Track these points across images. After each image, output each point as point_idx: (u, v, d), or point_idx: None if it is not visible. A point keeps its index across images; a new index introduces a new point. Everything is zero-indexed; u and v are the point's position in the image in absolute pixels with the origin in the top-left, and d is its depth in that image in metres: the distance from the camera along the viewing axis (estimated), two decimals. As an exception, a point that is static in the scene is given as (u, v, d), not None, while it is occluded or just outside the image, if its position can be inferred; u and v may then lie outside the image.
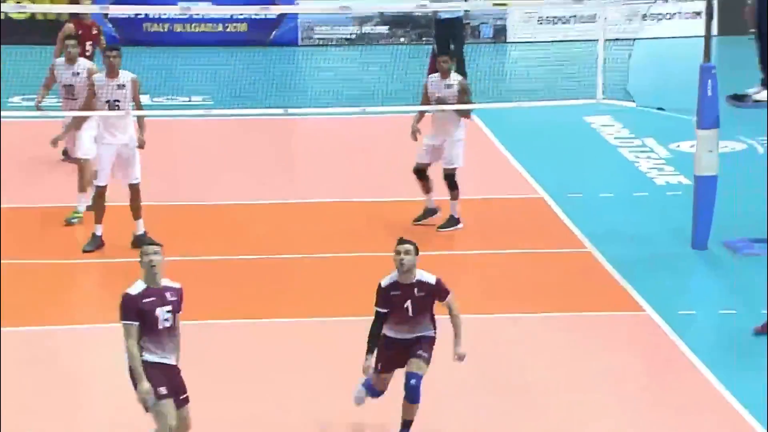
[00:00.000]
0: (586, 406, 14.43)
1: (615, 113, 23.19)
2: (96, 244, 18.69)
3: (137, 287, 12.47)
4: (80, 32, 21.56)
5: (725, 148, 19.58)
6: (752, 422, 13.99)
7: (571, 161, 22.09)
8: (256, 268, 18.59)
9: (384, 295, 13.28)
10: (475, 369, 14.98)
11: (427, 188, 19.59)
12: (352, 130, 22.92)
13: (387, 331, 13.54)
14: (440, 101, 19.48)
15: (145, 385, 12.29)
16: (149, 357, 12.51)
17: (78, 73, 19.51)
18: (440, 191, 19.60)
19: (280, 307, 17.50)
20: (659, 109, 21.60)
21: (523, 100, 23.86)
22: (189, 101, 24.85)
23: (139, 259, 12.57)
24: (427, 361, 13.38)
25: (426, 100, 19.64)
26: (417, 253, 13.15)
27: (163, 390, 12.41)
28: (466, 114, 19.59)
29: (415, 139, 19.53)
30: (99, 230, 18.71)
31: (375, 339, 13.33)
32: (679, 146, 21.70)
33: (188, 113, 23.79)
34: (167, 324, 12.56)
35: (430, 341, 13.45)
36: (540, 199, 20.72)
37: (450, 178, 19.45)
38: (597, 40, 21.65)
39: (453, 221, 19.58)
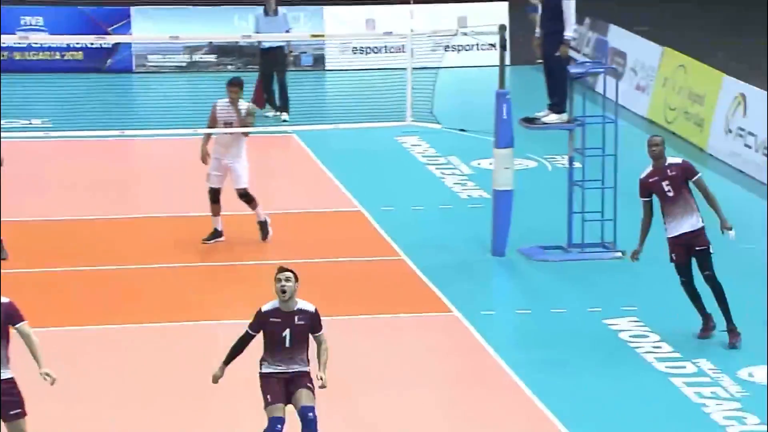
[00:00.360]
0: (399, 402, 14.58)
1: (423, 134, 23.81)
2: None
3: None
4: None
5: (519, 165, 20.06)
6: (544, 410, 14.38)
7: (384, 178, 22.68)
8: (86, 278, 18.54)
9: (261, 321, 12.79)
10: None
11: (216, 211, 19.62)
12: (183, 151, 22.66)
13: (266, 368, 12.86)
14: (228, 125, 19.37)
15: None
16: None
17: None
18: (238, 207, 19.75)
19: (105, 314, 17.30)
20: (461, 130, 22.19)
21: (340, 122, 23.97)
22: (29, 124, 24.87)
23: None
24: (313, 393, 12.73)
25: (213, 124, 19.57)
26: (296, 280, 12.73)
27: None
28: (246, 134, 19.55)
29: (205, 162, 19.53)
30: None
31: (234, 353, 12.81)
32: (479, 164, 22.16)
33: (28, 135, 23.63)
34: None
35: (309, 377, 12.81)
36: (358, 212, 20.96)
37: (244, 196, 19.54)
38: (405, 68, 21.99)
39: (264, 227, 19.61)
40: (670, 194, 16.05)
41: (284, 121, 25.40)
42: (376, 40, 28.48)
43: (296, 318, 12.69)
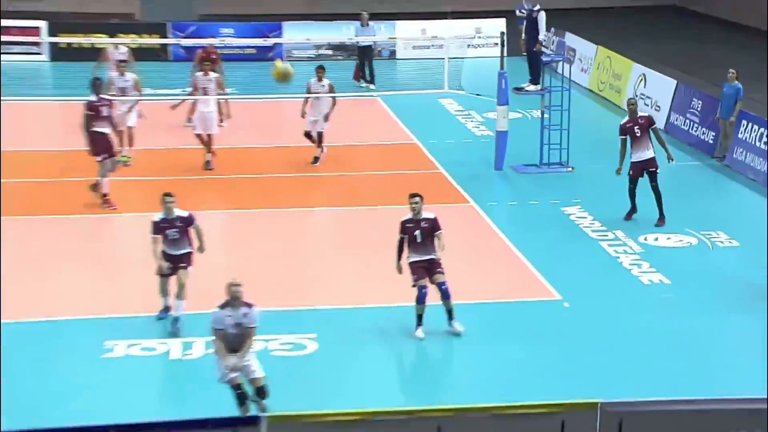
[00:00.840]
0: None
1: (454, 97, 23.33)
2: None
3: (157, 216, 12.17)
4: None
5: (512, 116, 19.71)
6: (527, 264, 14.31)
7: (430, 123, 21.94)
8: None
9: (402, 226, 12.30)
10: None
11: (314, 142, 18.87)
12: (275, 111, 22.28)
13: (411, 258, 12.26)
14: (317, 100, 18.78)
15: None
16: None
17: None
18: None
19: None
20: (477, 94, 21.74)
21: (405, 90, 24.06)
22: (223, 91, 24.52)
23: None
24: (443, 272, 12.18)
25: (308, 93, 18.91)
26: (422, 200, 12.22)
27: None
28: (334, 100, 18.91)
29: (303, 117, 18.82)
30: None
31: (400, 252, 12.23)
32: (488, 115, 21.73)
33: (228, 97, 21.37)
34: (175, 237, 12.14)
35: (439, 262, 12.21)
36: (414, 144, 20.43)
37: (320, 135, 18.87)
38: (444, 58, 21.89)
39: (317, 159, 18.81)
40: (638, 135, 16.00)
41: (371, 88, 25.16)
42: (426, 41, 27.90)
43: (422, 223, 12.24)
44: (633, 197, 16.13)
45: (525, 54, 19.27)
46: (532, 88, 19.31)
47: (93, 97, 16.35)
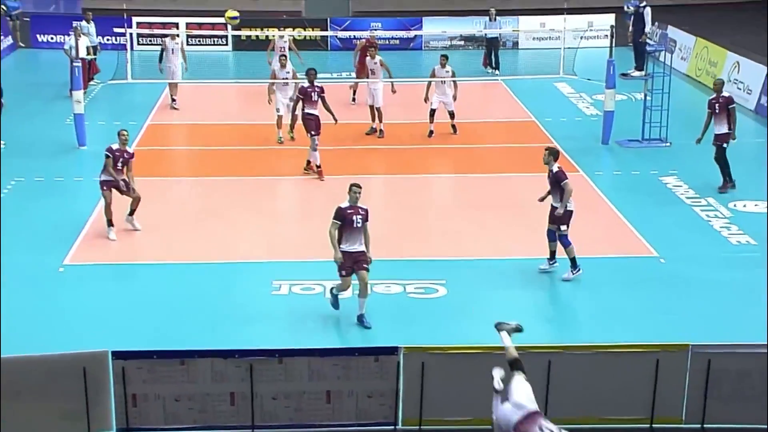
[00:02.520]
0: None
1: (567, 81, 22.58)
2: None
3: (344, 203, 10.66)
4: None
5: (618, 98, 19.13)
6: (634, 231, 13.78)
7: (546, 102, 21.56)
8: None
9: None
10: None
11: (432, 120, 18.62)
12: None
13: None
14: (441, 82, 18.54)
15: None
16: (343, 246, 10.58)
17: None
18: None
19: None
20: (588, 79, 20.84)
21: (526, 74, 23.54)
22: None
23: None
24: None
25: (433, 76, 18.57)
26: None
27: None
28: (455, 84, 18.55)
29: (426, 99, 18.48)
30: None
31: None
32: (597, 97, 21.06)
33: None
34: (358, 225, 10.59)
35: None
36: (532, 121, 19.96)
37: (452, 114, 18.72)
38: (560, 48, 21.04)
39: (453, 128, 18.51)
40: (717, 111, 15.51)
41: (497, 74, 24.70)
42: (545, 33, 27.41)
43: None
44: (725, 166, 15.56)
45: (631, 44, 18.85)
46: (636, 74, 18.93)
47: (305, 83, 16.29)
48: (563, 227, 12.05)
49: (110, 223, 13.41)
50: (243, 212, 14.75)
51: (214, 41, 28.37)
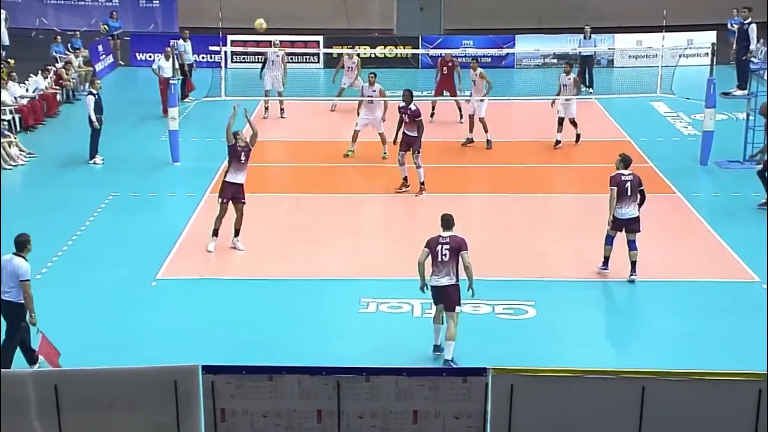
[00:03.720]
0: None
1: (664, 100, 22.28)
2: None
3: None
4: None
5: (719, 117, 18.81)
6: (734, 254, 13.53)
7: (642, 123, 21.20)
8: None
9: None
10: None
11: (560, 129, 19.07)
12: (531, 107, 21.47)
13: (616, 214, 12.19)
14: (565, 88, 19.25)
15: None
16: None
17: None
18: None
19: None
20: (687, 98, 20.67)
21: (623, 93, 22.98)
22: (462, 93, 24.74)
23: None
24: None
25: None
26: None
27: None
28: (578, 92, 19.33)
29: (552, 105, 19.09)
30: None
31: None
32: (696, 116, 20.73)
33: (464, 97, 23.91)
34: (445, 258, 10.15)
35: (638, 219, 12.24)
36: (627, 141, 19.52)
37: (574, 122, 19.11)
38: (658, 66, 20.73)
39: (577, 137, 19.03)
40: None
41: (590, 92, 24.43)
42: (642, 51, 27.00)
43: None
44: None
45: (734, 62, 18.35)
46: (739, 93, 18.59)
47: (401, 104, 16.41)
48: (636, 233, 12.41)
49: (215, 234, 13.67)
50: (332, 229, 14.92)
51: (306, 59, 28.82)
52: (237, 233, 13.82)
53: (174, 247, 13.85)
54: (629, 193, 12.42)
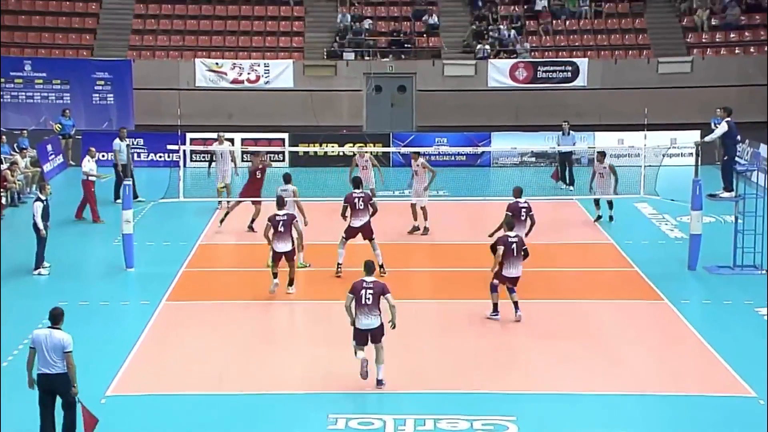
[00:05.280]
0: (619, 350, 13.97)
1: (649, 201, 22.56)
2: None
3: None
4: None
5: (706, 220, 19.02)
6: (727, 366, 13.35)
7: (625, 226, 21.34)
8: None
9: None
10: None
11: (598, 205, 21.18)
12: None
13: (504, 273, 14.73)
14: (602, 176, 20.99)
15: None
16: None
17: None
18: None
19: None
20: (672, 200, 21.11)
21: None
22: (437, 193, 23.60)
23: None
24: None
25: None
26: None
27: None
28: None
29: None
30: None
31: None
32: (682, 218, 21.17)
33: (438, 199, 22.48)
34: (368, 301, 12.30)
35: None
36: (610, 243, 19.86)
37: (611, 204, 21.07)
38: (640, 165, 21.01)
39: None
40: None
41: (571, 189, 24.96)
42: (624, 150, 27.39)
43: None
44: None
45: (719, 163, 18.62)
46: (726, 195, 18.66)
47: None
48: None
49: (275, 275, 16.32)
50: (297, 338, 14.98)
51: (270, 157, 29.07)
52: (291, 282, 16.42)
53: (126, 361, 13.68)
54: (515, 254, 14.62)
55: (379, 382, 12.64)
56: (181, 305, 16.38)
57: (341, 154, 28.45)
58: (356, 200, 17.36)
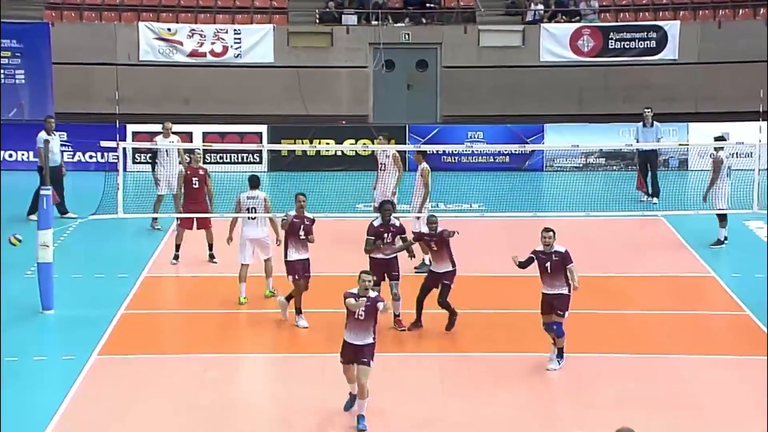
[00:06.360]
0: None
1: (765, 218, 22.60)
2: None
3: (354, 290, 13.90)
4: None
5: None
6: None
7: (732, 250, 21.83)
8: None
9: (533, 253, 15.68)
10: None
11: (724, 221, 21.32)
12: (578, 226, 22.13)
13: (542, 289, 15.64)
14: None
15: None
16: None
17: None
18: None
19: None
20: (792, 217, 21.00)
21: (698, 208, 22.87)
22: (470, 207, 25.09)
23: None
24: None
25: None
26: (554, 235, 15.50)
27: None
28: None
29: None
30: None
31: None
32: (806, 243, 20.91)
33: (469, 215, 23.83)
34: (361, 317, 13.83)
35: (567, 298, 15.48)
36: (711, 277, 20.14)
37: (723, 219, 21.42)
38: (753, 170, 21.22)
39: None
40: None
41: (654, 203, 25.09)
42: (730, 148, 27.17)
43: (553, 256, 15.72)
44: None
45: None
46: None
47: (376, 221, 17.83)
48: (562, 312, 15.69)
49: (299, 311, 17.57)
50: (274, 407, 14.93)
51: (242, 158, 29.22)
52: (299, 312, 17.57)
53: (43, 441, 13.56)
54: (549, 271, 15.62)
55: (360, 420, 13.77)
56: (118, 361, 16.38)
57: (339, 154, 28.55)
58: (384, 234, 17.49)
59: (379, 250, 17.48)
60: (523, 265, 15.83)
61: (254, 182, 19.07)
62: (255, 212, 18.70)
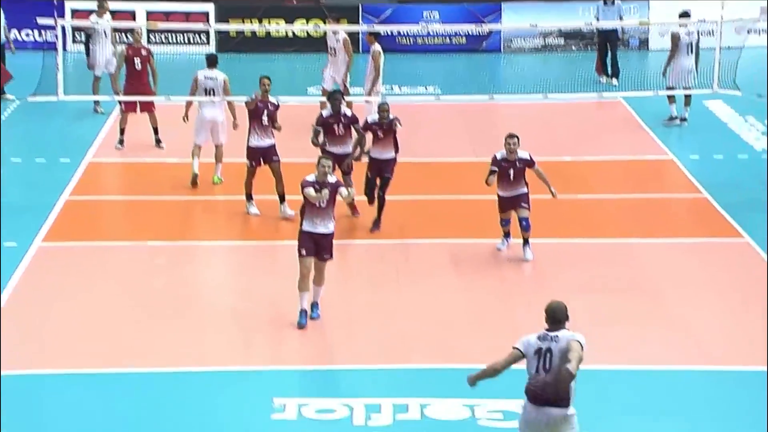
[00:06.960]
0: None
1: (725, 98, 22.82)
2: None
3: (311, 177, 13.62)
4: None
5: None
6: None
7: (691, 131, 21.93)
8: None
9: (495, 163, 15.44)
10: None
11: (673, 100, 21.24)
12: (531, 110, 22.73)
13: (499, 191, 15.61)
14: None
15: None
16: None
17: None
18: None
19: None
20: (759, 95, 21.08)
21: (658, 88, 22.83)
22: (425, 90, 24.93)
23: None
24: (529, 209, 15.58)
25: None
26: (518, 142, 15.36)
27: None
28: None
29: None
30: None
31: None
32: (772, 121, 20.98)
33: (423, 98, 24.00)
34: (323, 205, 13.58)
35: (527, 194, 15.62)
36: (670, 160, 20.24)
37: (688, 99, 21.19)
38: (713, 49, 21.09)
39: None
40: None
41: (615, 84, 25.06)
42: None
43: (517, 163, 15.55)
44: None
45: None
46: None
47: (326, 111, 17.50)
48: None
49: (249, 197, 17.42)
50: (227, 294, 15.07)
51: (188, 38, 28.98)
52: (282, 199, 17.28)
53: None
54: (512, 179, 15.58)
55: (313, 308, 13.83)
56: (62, 248, 16.47)
57: (290, 35, 28.34)
58: (335, 125, 17.25)
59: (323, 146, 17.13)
60: (489, 182, 15.71)
61: (212, 61, 19.00)
62: (213, 94, 18.62)
